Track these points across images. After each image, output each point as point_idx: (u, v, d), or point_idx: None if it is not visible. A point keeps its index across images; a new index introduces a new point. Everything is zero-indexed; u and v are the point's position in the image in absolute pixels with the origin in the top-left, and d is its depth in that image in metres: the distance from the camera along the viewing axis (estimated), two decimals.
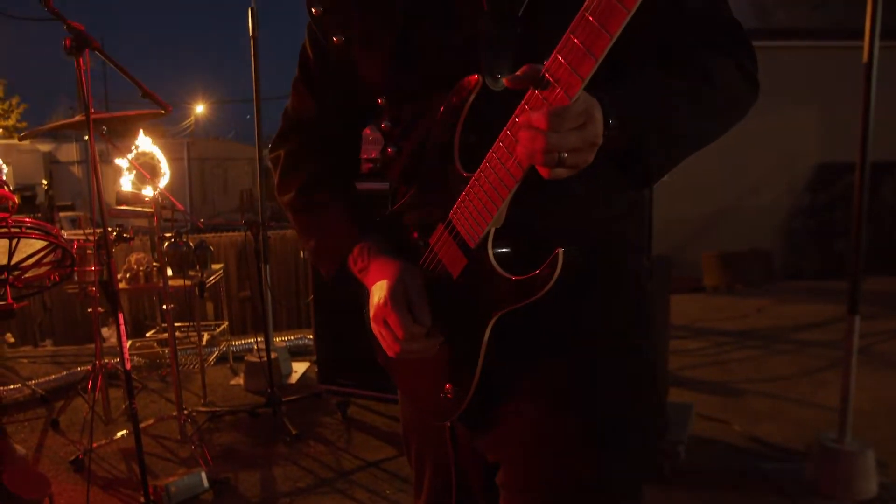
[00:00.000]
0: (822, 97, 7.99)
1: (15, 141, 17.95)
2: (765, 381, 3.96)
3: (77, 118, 2.88)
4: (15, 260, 2.76)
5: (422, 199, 1.03)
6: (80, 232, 3.22)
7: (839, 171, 7.88)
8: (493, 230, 0.92)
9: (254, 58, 4.09)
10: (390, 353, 1.03)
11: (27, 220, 2.73)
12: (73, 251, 2.96)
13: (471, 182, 0.92)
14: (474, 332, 0.96)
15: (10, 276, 2.76)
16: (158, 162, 4.91)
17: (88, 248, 3.20)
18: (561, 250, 0.85)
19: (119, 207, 3.20)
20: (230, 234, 7.41)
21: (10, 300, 2.74)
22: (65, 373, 4.21)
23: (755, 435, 3.17)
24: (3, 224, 2.62)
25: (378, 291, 1.02)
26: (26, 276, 2.92)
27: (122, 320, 2.34)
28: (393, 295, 0.99)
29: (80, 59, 2.27)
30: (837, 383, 2.69)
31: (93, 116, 2.40)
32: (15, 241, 2.69)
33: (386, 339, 1.02)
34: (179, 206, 3.23)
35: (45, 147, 17.36)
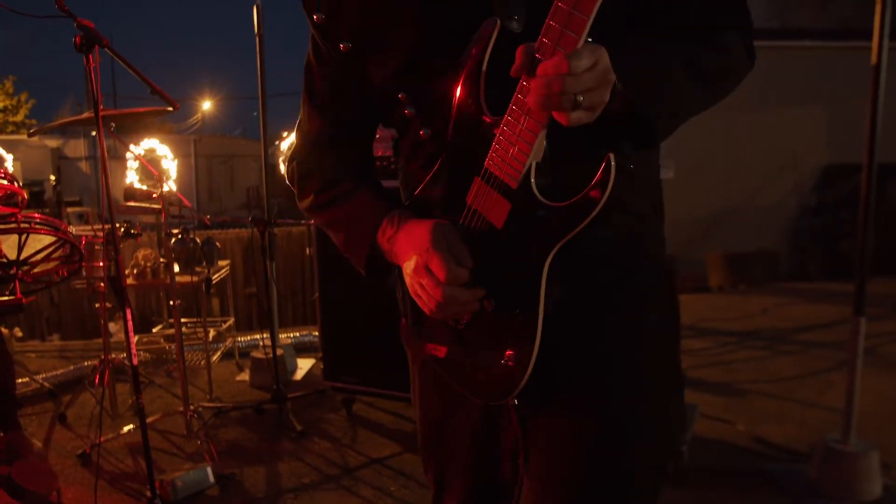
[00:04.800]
0: (829, 97, 7.96)
1: (23, 136, 18.03)
2: (769, 382, 3.96)
3: (85, 115, 2.90)
4: (24, 255, 2.78)
5: (453, 165, 1.00)
6: (89, 227, 3.24)
7: (846, 172, 7.86)
8: (533, 164, 0.89)
9: (259, 55, 4.10)
10: (431, 305, 0.98)
11: (36, 215, 2.75)
12: (82, 247, 2.98)
13: (501, 124, 0.90)
14: (529, 280, 0.92)
15: (20, 271, 2.78)
16: (165, 158, 4.95)
17: (97, 243, 3.22)
18: (611, 154, 0.82)
19: (127, 203, 3.22)
20: (237, 230, 7.44)
21: (18, 295, 2.76)
22: (72, 367, 4.25)
23: (759, 435, 3.17)
24: (13, 219, 2.65)
25: (415, 248, 0.99)
26: (35, 271, 2.94)
27: (129, 316, 2.36)
28: (434, 240, 0.96)
29: (90, 57, 2.28)
30: (842, 384, 2.68)
31: (102, 113, 2.42)
32: (24, 237, 2.71)
33: (427, 287, 0.97)
34: (187, 203, 3.25)
35: (52, 143, 17.48)
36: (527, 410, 1.04)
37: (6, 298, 2.77)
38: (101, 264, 3.27)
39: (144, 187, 4.28)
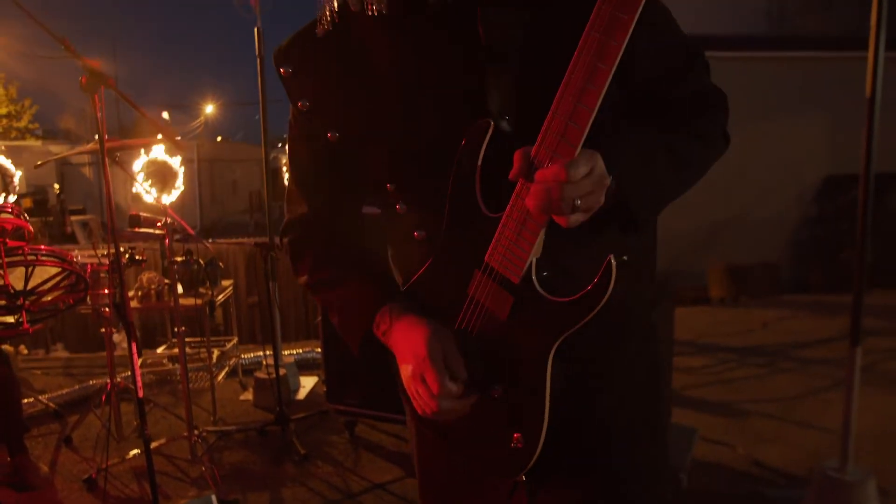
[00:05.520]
0: (830, 107, 7.97)
1: (27, 143, 18.12)
2: (769, 402, 3.98)
3: (91, 146, 2.95)
4: (31, 285, 2.83)
5: (450, 256, 1.02)
6: (93, 252, 3.26)
7: (847, 183, 7.88)
8: (534, 261, 0.93)
9: (260, 76, 4.14)
10: (427, 411, 1.00)
11: (43, 247, 2.80)
12: (87, 275, 3.03)
13: (500, 223, 0.94)
14: (535, 369, 0.95)
15: (27, 302, 2.82)
16: (173, 171, 4.95)
17: (102, 271, 3.26)
18: (611, 256, 0.87)
19: (131, 230, 3.25)
20: (240, 241, 7.46)
21: (25, 325, 2.81)
22: (77, 387, 4.28)
23: (758, 459, 3.19)
24: (20, 252, 2.69)
25: (411, 352, 1.01)
26: (41, 300, 2.98)
27: (134, 350, 2.39)
28: (430, 350, 0.98)
29: (95, 96, 2.31)
30: (841, 405, 2.70)
31: (107, 145, 2.45)
32: (31, 268, 2.75)
33: (422, 396, 1.00)
34: (190, 231, 3.28)
35: (56, 149, 17.54)
36: (534, 486, 1.08)
37: (12, 328, 2.81)
38: (107, 291, 3.30)
39: (151, 196, 4.31)
